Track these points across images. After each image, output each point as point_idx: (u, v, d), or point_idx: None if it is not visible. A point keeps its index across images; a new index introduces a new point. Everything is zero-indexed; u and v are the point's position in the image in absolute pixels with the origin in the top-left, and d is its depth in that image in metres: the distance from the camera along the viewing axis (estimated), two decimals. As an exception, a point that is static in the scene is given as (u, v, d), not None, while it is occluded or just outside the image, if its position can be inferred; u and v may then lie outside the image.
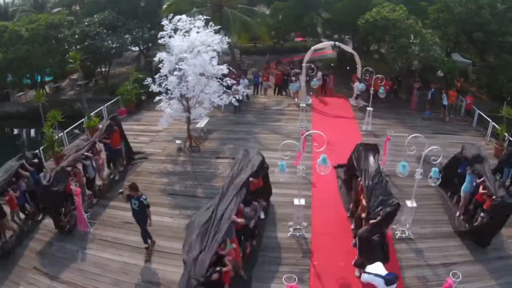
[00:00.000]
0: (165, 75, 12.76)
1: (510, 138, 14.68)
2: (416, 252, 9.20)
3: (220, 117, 17.42)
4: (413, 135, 9.60)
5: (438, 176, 9.32)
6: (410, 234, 9.67)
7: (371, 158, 9.66)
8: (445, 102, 17.83)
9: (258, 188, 9.53)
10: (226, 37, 13.58)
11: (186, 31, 12.78)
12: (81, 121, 15.94)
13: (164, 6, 24.04)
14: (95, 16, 23.51)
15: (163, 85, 12.87)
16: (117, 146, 12.14)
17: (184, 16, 12.98)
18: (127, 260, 8.64)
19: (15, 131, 24.45)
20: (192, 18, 13.03)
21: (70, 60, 19.37)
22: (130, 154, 13.33)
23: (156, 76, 12.99)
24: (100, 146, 11.68)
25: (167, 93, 13.05)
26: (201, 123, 15.44)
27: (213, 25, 13.20)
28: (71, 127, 15.55)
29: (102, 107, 17.56)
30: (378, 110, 18.06)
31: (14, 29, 22.31)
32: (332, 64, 24.28)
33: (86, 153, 10.73)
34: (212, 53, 12.55)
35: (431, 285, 8.09)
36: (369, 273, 6.75)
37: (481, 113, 17.08)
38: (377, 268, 6.80)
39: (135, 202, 8.27)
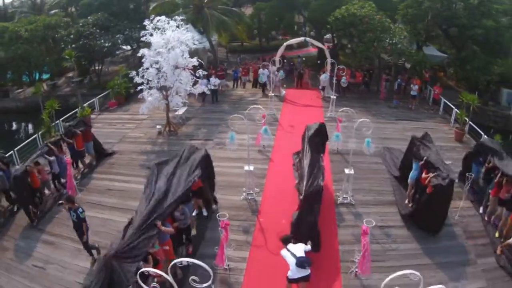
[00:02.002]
0: (147, 68, 14.53)
1: (470, 122, 15.99)
2: (355, 215, 10.24)
3: (198, 107, 19.30)
4: (342, 109, 10.92)
5: (370, 146, 10.82)
6: (352, 200, 10.76)
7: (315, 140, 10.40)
8: (414, 93, 19.12)
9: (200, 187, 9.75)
10: (206, 36, 15.27)
11: (163, 30, 14.52)
12: (75, 110, 17.71)
13: (151, 8, 25.69)
14: (89, 17, 25.12)
15: (145, 77, 14.61)
16: (80, 148, 12.79)
17: (163, 17, 14.73)
18: (106, 217, 10.31)
19: (14, 125, 25.99)
20: (169, 19, 14.76)
21: (67, 57, 21.10)
22: (101, 151, 13.90)
23: (140, 69, 14.75)
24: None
25: (148, 84, 14.80)
26: (180, 111, 17.21)
27: (183, 24, 14.81)
28: (66, 115, 17.21)
29: (94, 99, 19.47)
30: (347, 100, 19.48)
31: (14, 29, 23.93)
32: (303, 58, 25.73)
33: (50, 145, 11.28)
34: (184, 48, 14.37)
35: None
36: (288, 249, 6.97)
37: (446, 101, 18.31)
38: (297, 248, 6.98)
39: (73, 214, 8.35)
